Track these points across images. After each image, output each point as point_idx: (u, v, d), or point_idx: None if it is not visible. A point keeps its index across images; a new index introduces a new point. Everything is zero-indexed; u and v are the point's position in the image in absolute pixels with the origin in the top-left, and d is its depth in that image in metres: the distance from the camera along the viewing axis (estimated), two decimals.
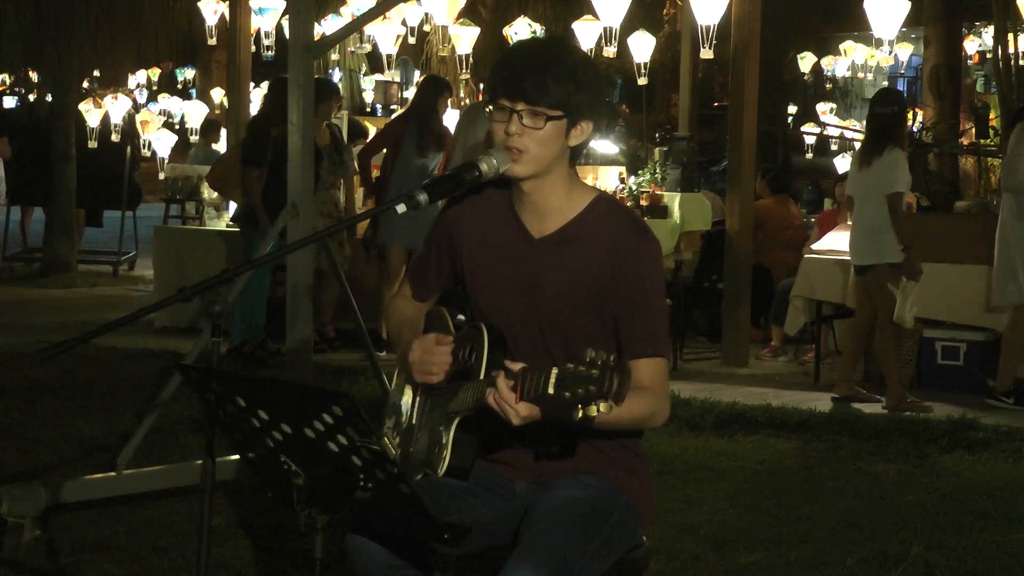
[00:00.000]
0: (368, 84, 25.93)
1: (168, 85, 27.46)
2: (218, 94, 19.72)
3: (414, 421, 3.17)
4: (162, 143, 17.51)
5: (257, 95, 22.53)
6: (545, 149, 2.99)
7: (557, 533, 2.90)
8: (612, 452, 3.09)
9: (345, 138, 11.36)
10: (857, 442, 7.14)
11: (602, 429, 2.92)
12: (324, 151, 9.48)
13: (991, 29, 12.44)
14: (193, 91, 24.36)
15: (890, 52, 17.50)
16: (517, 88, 2.97)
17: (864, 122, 9.73)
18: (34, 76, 16.57)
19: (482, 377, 2.96)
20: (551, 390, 2.61)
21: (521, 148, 2.99)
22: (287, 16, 6.60)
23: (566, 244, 3.06)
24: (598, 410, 2.55)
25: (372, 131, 13.97)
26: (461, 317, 3.20)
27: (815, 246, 9.53)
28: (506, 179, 3.06)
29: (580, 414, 2.56)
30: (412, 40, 15.54)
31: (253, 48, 12.58)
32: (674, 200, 10.52)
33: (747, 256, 9.86)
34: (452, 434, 3.01)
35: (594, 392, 2.54)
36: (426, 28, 15.21)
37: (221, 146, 15.61)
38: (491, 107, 3.01)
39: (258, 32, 12.90)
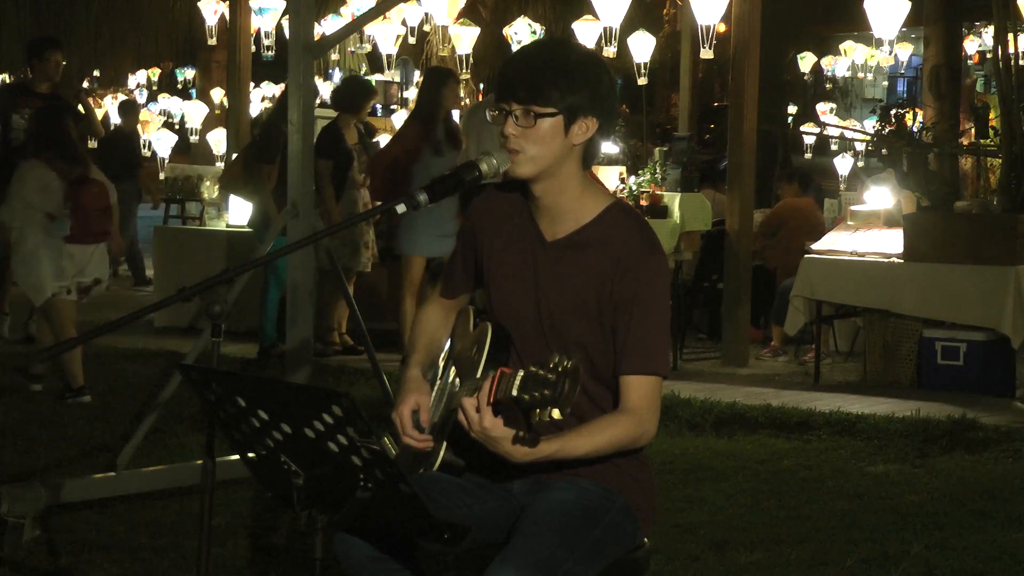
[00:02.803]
0: None
1: (168, 85, 27.45)
2: (218, 94, 19.72)
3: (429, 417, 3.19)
4: (162, 143, 17.52)
5: (257, 95, 22.57)
6: (542, 148, 2.99)
7: (543, 536, 2.89)
8: (611, 456, 3.08)
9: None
10: (857, 442, 7.14)
11: (581, 458, 2.93)
12: (354, 151, 9.44)
13: (991, 29, 12.42)
14: (193, 91, 24.36)
15: (890, 52, 17.51)
16: (510, 89, 2.99)
17: (864, 122, 9.72)
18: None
19: (478, 375, 2.97)
20: (515, 392, 2.63)
21: (518, 148, 3.00)
22: (287, 16, 6.60)
23: (574, 250, 3.06)
24: (550, 416, 2.57)
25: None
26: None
27: (815, 246, 9.54)
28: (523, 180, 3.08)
29: (536, 418, 2.59)
30: (412, 40, 15.55)
31: (253, 48, 12.59)
32: (674, 200, 10.53)
33: (747, 256, 9.86)
34: (449, 430, 3.02)
35: (548, 397, 2.57)
36: (426, 28, 15.22)
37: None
38: (494, 112, 3.03)
39: (258, 32, 12.91)
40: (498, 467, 3.06)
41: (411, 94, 25.79)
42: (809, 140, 21.39)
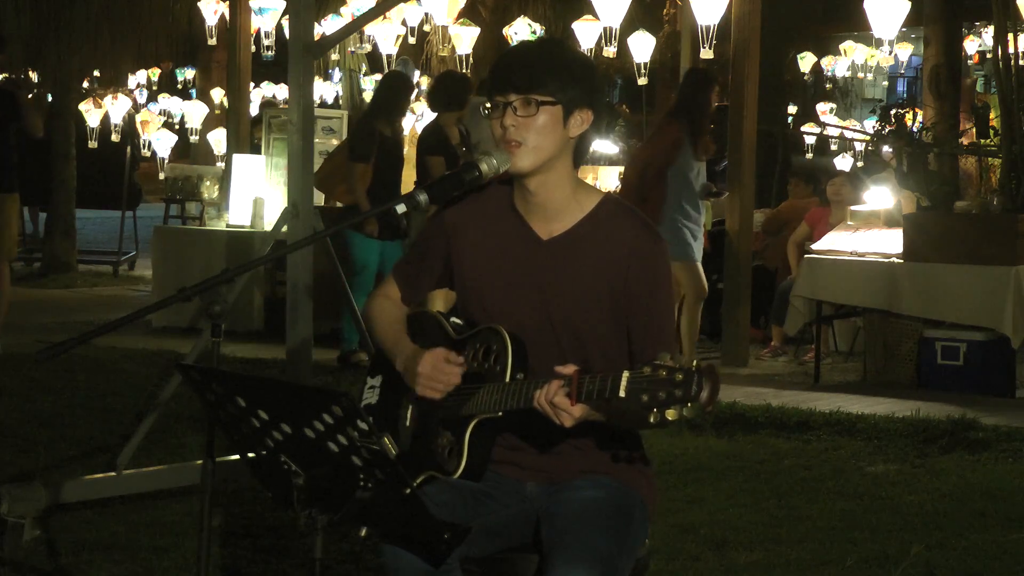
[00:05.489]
0: (368, 84, 25.90)
1: (168, 85, 27.43)
2: (218, 94, 19.71)
3: (408, 423, 3.15)
4: (162, 143, 17.52)
5: (257, 95, 22.55)
6: (543, 138, 2.99)
7: (597, 534, 2.91)
8: (620, 452, 3.08)
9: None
10: (857, 442, 7.15)
11: (612, 426, 2.91)
12: (456, 151, 9.30)
13: (991, 29, 12.42)
14: (193, 91, 24.35)
15: (890, 52, 17.49)
16: (508, 81, 2.99)
17: (864, 122, 9.72)
18: (34, 76, 16.55)
19: (507, 380, 2.95)
20: (622, 393, 2.59)
21: (519, 140, 2.99)
22: (287, 16, 6.60)
23: (576, 245, 3.05)
24: (678, 414, 2.54)
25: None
26: (456, 320, 3.16)
27: (815, 246, 9.54)
28: (507, 179, 3.06)
29: (655, 418, 2.55)
30: (412, 40, 15.52)
31: (253, 48, 12.59)
32: None
33: (747, 256, 9.86)
34: (468, 436, 2.99)
35: (679, 396, 2.53)
36: (426, 28, 15.20)
37: None
38: (488, 107, 3.02)
39: (258, 32, 12.90)
40: (519, 457, 3.08)
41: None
42: (809, 140, 21.37)
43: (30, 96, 10.18)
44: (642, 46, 14.08)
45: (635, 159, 9.16)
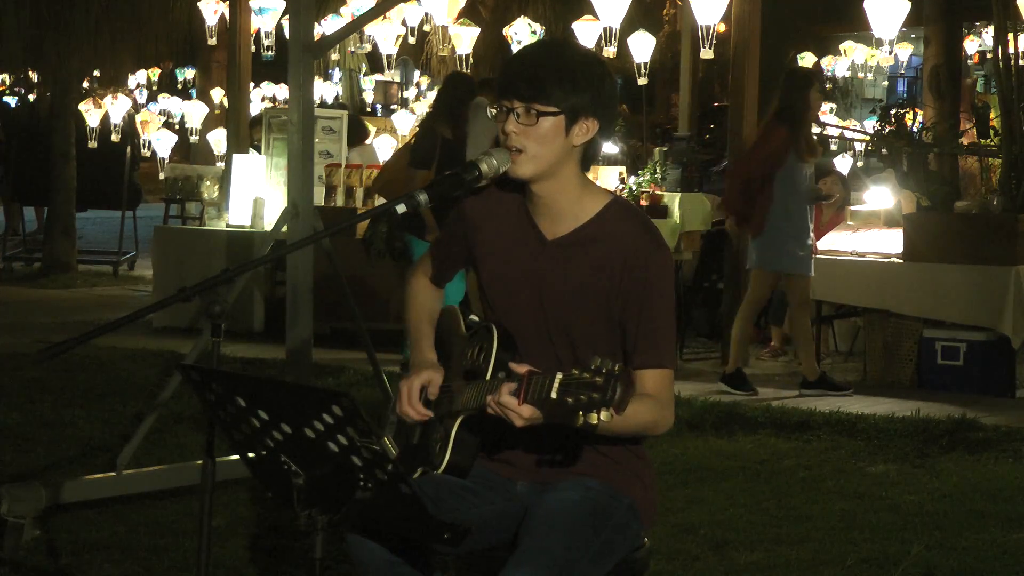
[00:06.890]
0: (368, 84, 25.92)
1: (168, 85, 27.43)
2: (218, 94, 19.72)
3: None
4: (162, 143, 17.53)
5: (257, 95, 22.55)
6: (544, 147, 2.99)
7: (555, 537, 2.89)
8: (615, 455, 3.08)
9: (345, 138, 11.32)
10: (857, 442, 7.14)
11: (604, 434, 2.91)
12: None
13: (991, 29, 12.42)
14: (193, 91, 24.34)
15: (890, 52, 17.51)
16: (513, 87, 3.00)
17: (864, 122, 9.67)
18: (34, 76, 16.55)
19: (488, 378, 2.97)
20: (554, 395, 2.61)
21: (519, 147, 3.00)
22: (287, 16, 6.60)
23: (577, 247, 3.05)
24: (599, 418, 2.55)
25: (373, 131, 13.94)
26: (474, 318, 3.22)
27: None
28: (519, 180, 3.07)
29: (581, 420, 2.57)
30: (412, 40, 15.54)
31: (253, 48, 12.59)
32: (674, 200, 10.52)
33: None
34: (455, 432, 3.01)
35: (597, 400, 2.55)
36: (426, 28, 15.21)
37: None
38: (496, 109, 3.03)
39: (258, 32, 12.91)
40: (511, 456, 3.09)
41: (411, 94, 25.74)
42: None
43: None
44: (642, 46, 14.08)
45: (740, 165, 8.87)
